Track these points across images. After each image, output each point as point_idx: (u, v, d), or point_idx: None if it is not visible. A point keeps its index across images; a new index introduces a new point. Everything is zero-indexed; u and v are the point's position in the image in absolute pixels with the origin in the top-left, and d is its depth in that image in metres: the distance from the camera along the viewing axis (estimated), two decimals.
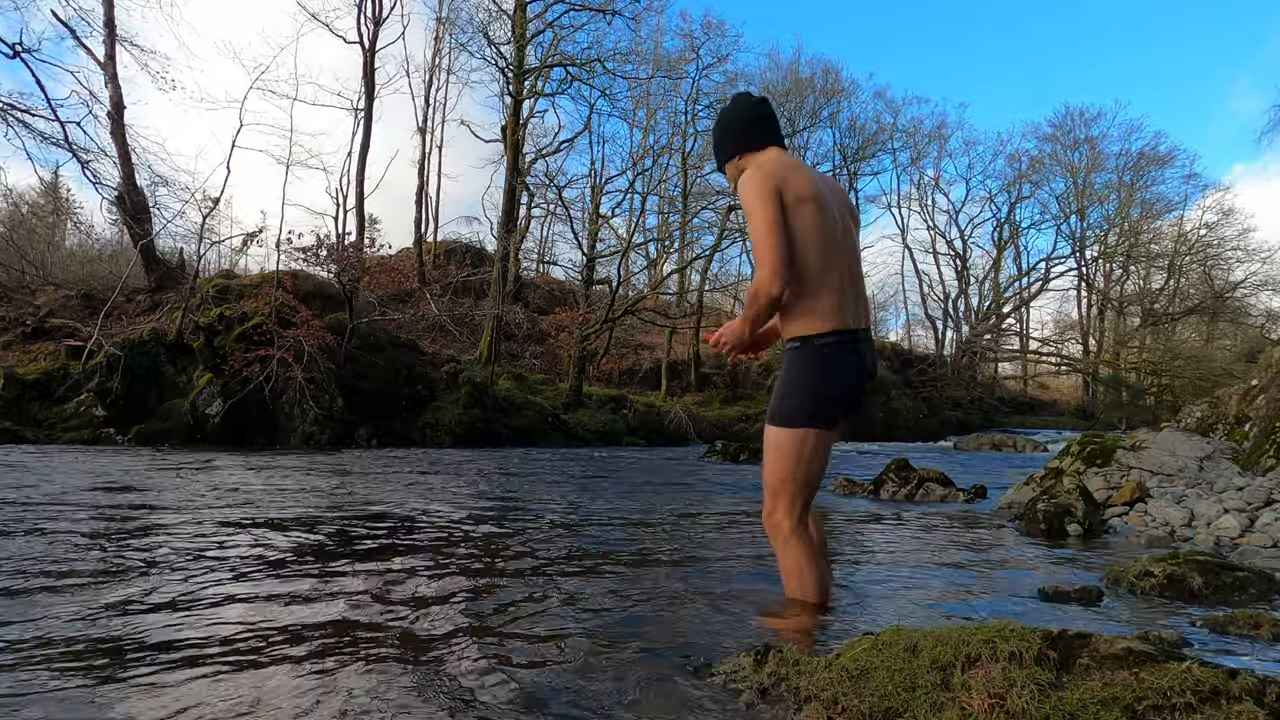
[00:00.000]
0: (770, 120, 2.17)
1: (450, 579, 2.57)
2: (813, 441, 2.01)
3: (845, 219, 2.09)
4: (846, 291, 2.01)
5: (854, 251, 2.10)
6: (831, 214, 2.01)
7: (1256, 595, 2.44)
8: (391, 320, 15.10)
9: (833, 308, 1.98)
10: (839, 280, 2.00)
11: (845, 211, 2.11)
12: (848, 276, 2.03)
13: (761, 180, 1.95)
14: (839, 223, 2.04)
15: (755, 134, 2.15)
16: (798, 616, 2.05)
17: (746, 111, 2.18)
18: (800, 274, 1.97)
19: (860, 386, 2.03)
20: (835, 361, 1.99)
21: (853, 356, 2.00)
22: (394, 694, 1.50)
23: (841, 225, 2.05)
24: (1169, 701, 1.16)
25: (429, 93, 23.95)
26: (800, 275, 1.97)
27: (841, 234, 2.03)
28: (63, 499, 4.41)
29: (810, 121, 25.70)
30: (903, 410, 22.56)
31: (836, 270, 1.99)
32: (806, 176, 2.00)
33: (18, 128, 13.26)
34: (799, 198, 1.96)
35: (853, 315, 2.02)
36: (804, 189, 1.96)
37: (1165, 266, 30.06)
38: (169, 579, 2.47)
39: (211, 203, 13.87)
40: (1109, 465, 5.14)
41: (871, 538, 3.77)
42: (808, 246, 1.96)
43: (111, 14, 14.79)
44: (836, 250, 2.00)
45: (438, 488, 5.67)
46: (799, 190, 1.96)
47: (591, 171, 22.63)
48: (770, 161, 2.05)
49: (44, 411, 10.56)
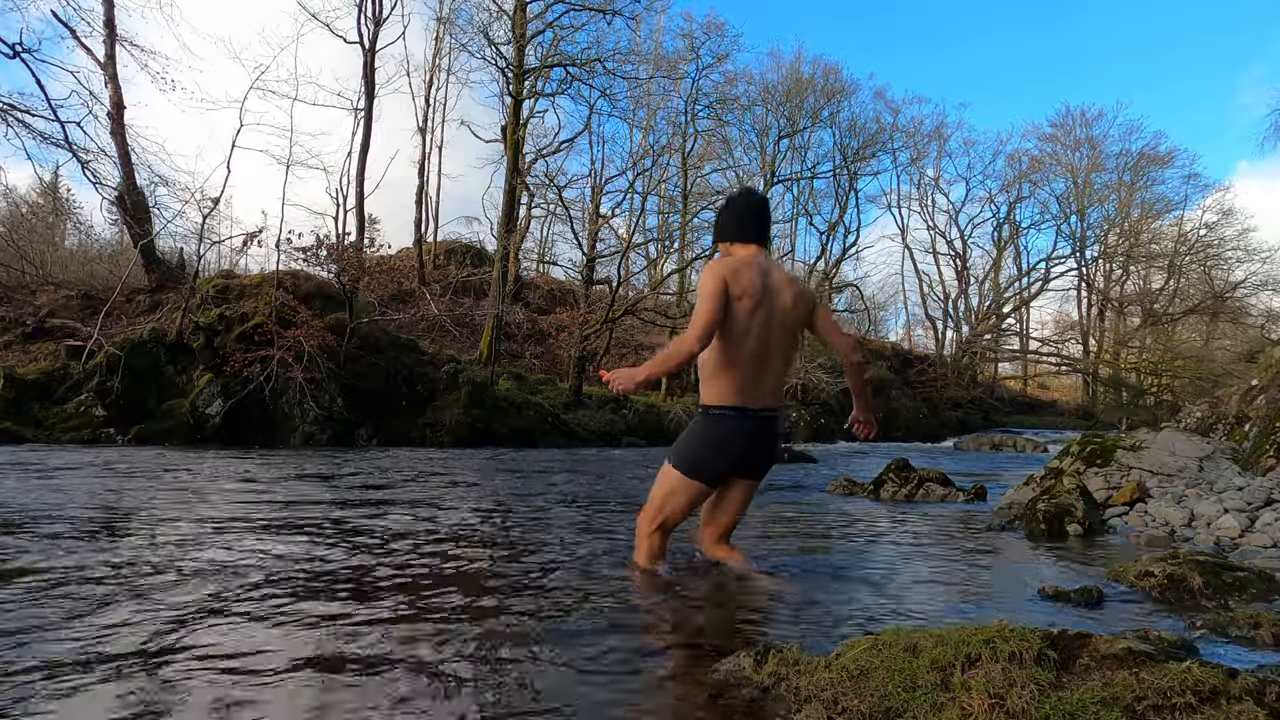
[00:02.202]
0: (758, 219, 2.53)
1: (449, 579, 2.57)
2: (682, 486, 2.46)
3: (790, 315, 2.43)
4: (755, 376, 2.39)
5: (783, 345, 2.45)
6: (769, 311, 2.39)
7: (1256, 595, 2.44)
8: (391, 320, 15.10)
9: (737, 388, 2.38)
10: (752, 367, 2.38)
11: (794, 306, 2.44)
12: (767, 364, 2.41)
13: (718, 269, 2.35)
14: (776, 318, 2.41)
15: (741, 230, 2.51)
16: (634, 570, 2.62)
17: (741, 208, 2.55)
18: (721, 353, 2.37)
19: (746, 454, 2.43)
20: (725, 431, 2.40)
21: (745, 429, 2.40)
22: (391, 692, 1.50)
23: (780, 320, 2.41)
24: (1169, 701, 1.16)
25: (429, 93, 23.95)
26: (717, 353, 2.37)
27: (777, 328, 2.41)
28: (52, 501, 4.41)
29: (810, 121, 25.70)
30: (903, 410, 22.56)
31: (755, 359, 2.38)
32: (754, 277, 2.37)
33: (17, 128, 13.26)
34: (742, 292, 2.34)
35: (754, 396, 2.40)
36: (748, 287, 2.35)
37: (1165, 266, 30.05)
38: (167, 580, 2.47)
39: (211, 203, 13.87)
40: (1109, 465, 5.14)
41: (871, 538, 3.77)
42: (734, 333, 2.35)
43: (111, 14, 14.80)
44: (760, 342, 2.38)
45: (437, 488, 5.67)
46: (744, 286, 2.35)
47: (591, 171, 22.60)
48: (736, 257, 2.44)
49: (44, 411, 10.55)
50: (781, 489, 6.38)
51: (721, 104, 22.76)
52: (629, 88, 21.22)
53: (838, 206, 26.69)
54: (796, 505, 5.15)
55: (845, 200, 26.66)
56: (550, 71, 18.71)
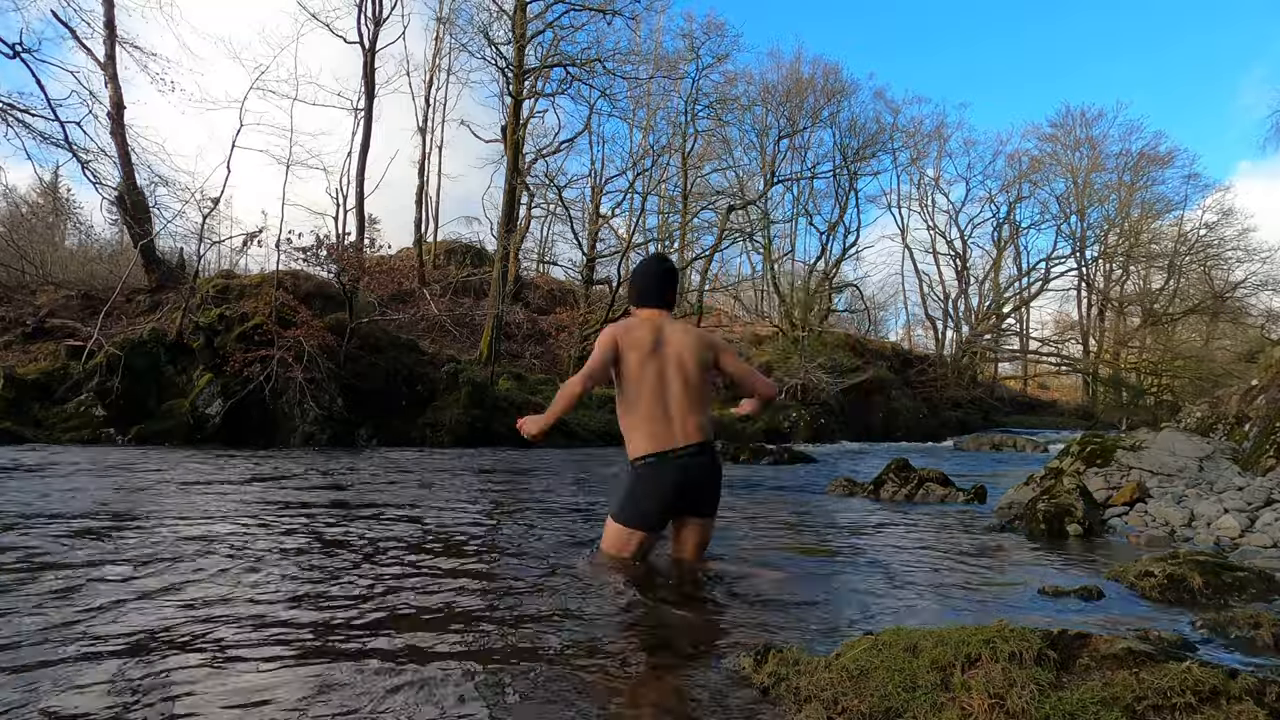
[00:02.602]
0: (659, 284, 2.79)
1: (447, 578, 2.57)
2: (625, 536, 2.65)
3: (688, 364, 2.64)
4: (664, 422, 2.58)
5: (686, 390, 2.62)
6: (660, 360, 2.63)
7: (1256, 595, 2.44)
8: (391, 320, 15.09)
9: (650, 436, 2.58)
10: (657, 413, 2.58)
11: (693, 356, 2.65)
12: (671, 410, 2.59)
13: (610, 329, 2.65)
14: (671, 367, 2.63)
15: (643, 296, 2.80)
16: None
17: (642, 276, 2.84)
18: (626, 408, 2.63)
19: (680, 493, 2.59)
20: (648, 479, 2.58)
21: (668, 471, 2.56)
22: (389, 692, 1.50)
23: (676, 368, 2.63)
24: (1169, 701, 1.16)
25: (429, 93, 23.92)
26: (626, 409, 2.63)
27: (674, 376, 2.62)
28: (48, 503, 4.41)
29: (810, 121, 25.65)
30: (903, 410, 22.54)
31: (659, 407, 2.59)
32: (645, 334, 2.65)
33: (17, 128, 13.25)
34: (630, 346, 2.61)
35: (669, 440, 2.57)
36: (636, 342, 2.62)
37: (1165, 266, 30.00)
38: (168, 579, 2.47)
39: (211, 203, 13.86)
40: (1109, 465, 5.14)
41: (871, 538, 3.77)
42: (629, 384, 2.61)
43: (111, 14, 14.79)
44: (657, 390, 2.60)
45: (437, 488, 5.67)
46: (632, 342, 2.62)
47: (591, 171, 22.65)
48: (634, 318, 2.76)
49: (44, 411, 10.54)
50: (782, 489, 6.38)
51: (721, 104, 22.75)
52: (629, 88, 21.24)
53: (838, 206, 26.65)
54: (796, 505, 5.15)
55: (845, 200, 26.62)
56: (550, 71, 18.71)
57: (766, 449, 10.18)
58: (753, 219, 24.41)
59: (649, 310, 2.77)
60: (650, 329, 2.67)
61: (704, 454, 2.61)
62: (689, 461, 2.57)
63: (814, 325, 23.15)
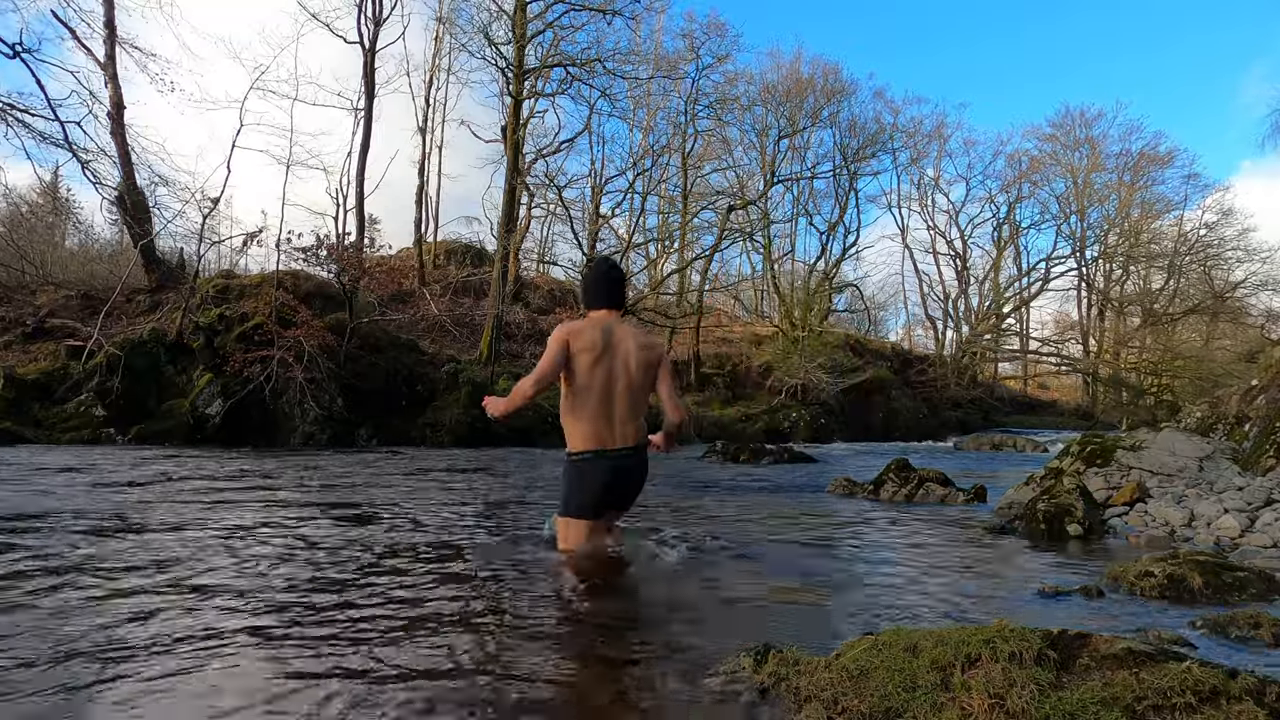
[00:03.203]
0: (609, 286, 2.92)
1: (446, 578, 2.57)
2: (570, 526, 2.81)
3: (634, 370, 2.77)
4: (606, 421, 2.73)
5: (630, 394, 2.77)
6: (609, 363, 2.75)
7: (1256, 595, 2.44)
8: (391, 320, 15.09)
9: (590, 434, 2.72)
10: (602, 413, 2.72)
11: (640, 363, 2.79)
12: (614, 411, 2.74)
13: (562, 329, 2.76)
14: (618, 371, 2.76)
15: (594, 298, 2.92)
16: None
17: (592, 279, 2.96)
18: (572, 405, 2.74)
19: (610, 488, 2.76)
20: (585, 473, 2.74)
21: (602, 467, 2.72)
22: (387, 692, 1.50)
23: (623, 372, 2.76)
24: (1169, 701, 1.16)
25: (429, 93, 23.88)
26: (572, 406, 2.74)
27: (620, 379, 2.75)
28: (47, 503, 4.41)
29: (810, 121, 25.62)
30: (903, 410, 22.53)
31: (603, 406, 2.73)
32: (596, 336, 2.75)
33: (17, 128, 13.26)
34: (582, 348, 2.72)
35: (608, 439, 2.72)
36: (587, 344, 2.73)
37: (1165, 266, 29.98)
38: (167, 579, 2.47)
39: (211, 203, 13.87)
40: (1109, 465, 5.14)
41: (871, 538, 3.77)
42: (578, 383, 2.72)
43: (111, 14, 14.79)
44: (604, 392, 2.73)
45: (434, 488, 5.67)
46: (584, 344, 2.73)
47: (591, 171, 22.66)
48: (585, 319, 2.86)
49: (44, 411, 10.55)
50: (782, 489, 6.38)
51: (721, 104, 22.71)
52: (629, 88, 21.25)
53: (838, 206, 26.62)
54: (797, 505, 5.15)
55: (845, 200, 26.60)
56: (550, 71, 18.70)
57: (766, 449, 10.18)
58: (753, 219, 24.40)
59: (599, 311, 2.90)
60: (600, 331, 2.79)
61: (636, 455, 2.81)
62: (621, 463, 2.76)
63: (814, 325, 23.14)
